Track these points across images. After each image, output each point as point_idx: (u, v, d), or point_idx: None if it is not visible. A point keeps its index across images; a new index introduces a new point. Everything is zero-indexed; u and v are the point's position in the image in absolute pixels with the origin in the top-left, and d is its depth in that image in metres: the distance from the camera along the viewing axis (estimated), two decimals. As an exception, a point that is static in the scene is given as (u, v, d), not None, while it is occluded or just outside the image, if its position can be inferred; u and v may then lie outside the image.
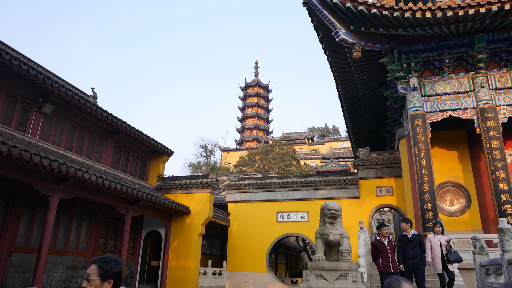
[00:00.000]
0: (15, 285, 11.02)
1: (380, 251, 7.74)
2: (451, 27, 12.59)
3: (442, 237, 8.24)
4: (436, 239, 8.23)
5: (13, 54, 10.61)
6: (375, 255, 7.89)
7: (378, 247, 7.84)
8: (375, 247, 7.91)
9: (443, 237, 8.25)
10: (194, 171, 72.46)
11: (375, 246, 7.93)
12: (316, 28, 14.41)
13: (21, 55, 14.62)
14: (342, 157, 74.01)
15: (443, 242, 8.09)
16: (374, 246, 7.96)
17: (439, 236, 8.29)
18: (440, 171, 14.90)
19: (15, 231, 11.24)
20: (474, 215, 14.30)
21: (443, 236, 8.27)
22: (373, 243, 8.01)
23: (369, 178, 18.33)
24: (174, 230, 17.03)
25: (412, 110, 14.24)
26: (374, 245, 7.97)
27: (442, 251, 8.00)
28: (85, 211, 14.25)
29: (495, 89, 13.79)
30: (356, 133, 22.01)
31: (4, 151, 8.30)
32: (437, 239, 8.23)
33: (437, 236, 8.31)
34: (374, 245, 7.96)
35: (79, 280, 13.48)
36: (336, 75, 16.29)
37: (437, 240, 8.20)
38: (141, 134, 16.59)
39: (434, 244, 8.15)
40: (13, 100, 11.85)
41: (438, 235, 8.31)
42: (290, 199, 19.77)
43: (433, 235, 8.37)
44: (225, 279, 19.25)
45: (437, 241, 8.20)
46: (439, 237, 8.26)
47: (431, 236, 8.35)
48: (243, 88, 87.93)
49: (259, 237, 19.57)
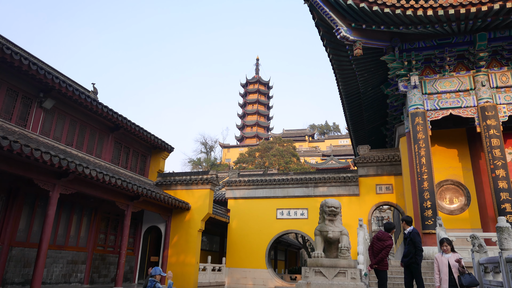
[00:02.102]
0: (16, 279, 11.08)
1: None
2: (453, 25, 12.56)
3: (451, 256, 6.99)
4: (444, 259, 7.02)
5: (14, 49, 10.61)
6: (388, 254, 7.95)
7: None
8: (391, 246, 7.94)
9: (453, 256, 6.99)
10: (194, 168, 72.53)
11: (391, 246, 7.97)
12: (317, 25, 14.39)
13: (22, 50, 14.60)
14: (342, 155, 74.10)
15: (452, 262, 6.88)
16: (391, 247, 7.96)
17: (448, 255, 7.05)
18: (440, 169, 14.92)
19: (15, 225, 11.29)
20: (473, 214, 14.33)
21: (453, 255, 7.00)
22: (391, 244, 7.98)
23: (369, 175, 18.36)
24: (174, 226, 17.08)
25: (413, 108, 14.24)
26: (392, 246, 7.97)
27: (451, 273, 6.85)
28: (85, 206, 14.29)
29: (495, 88, 13.78)
30: (356, 131, 22.01)
31: (5, 146, 8.32)
32: (445, 258, 7.02)
33: (445, 255, 7.08)
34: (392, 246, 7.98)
35: (79, 275, 13.54)
36: (337, 72, 16.29)
37: (445, 260, 6.99)
38: (141, 130, 16.60)
39: (441, 265, 7.00)
40: (14, 95, 11.86)
41: (447, 254, 7.08)
42: (290, 196, 19.81)
43: (440, 254, 7.18)
44: (225, 275, 19.32)
45: (444, 260, 6.99)
46: (447, 256, 7.03)
47: (438, 255, 7.19)
48: (244, 84, 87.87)
49: (258, 233, 19.62)
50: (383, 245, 7.84)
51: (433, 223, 12.64)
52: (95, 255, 14.44)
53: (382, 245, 7.84)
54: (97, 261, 14.56)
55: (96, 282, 14.37)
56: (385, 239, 7.89)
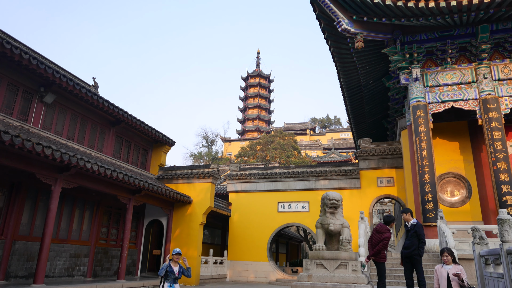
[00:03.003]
0: (19, 273, 11.16)
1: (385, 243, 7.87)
2: (455, 17, 12.48)
3: (452, 267, 6.34)
4: (444, 271, 6.40)
5: (14, 44, 10.58)
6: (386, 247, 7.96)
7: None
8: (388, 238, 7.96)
9: (454, 267, 6.34)
10: (196, 161, 72.63)
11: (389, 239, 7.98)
12: (318, 18, 14.31)
13: (22, 45, 14.57)
14: (343, 148, 74.10)
15: (452, 275, 6.27)
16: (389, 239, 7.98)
17: (448, 266, 6.40)
18: (441, 162, 14.91)
19: (18, 219, 11.35)
20: (474, 206, 14.35)
21: (454, 267, 6.35)
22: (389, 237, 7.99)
23: (370, 168, 18.37)
24: (176, 220, 17.15)
25: (414, 100, 14.20)
26: (389, 238, 7.99)
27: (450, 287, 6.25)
28: (87, 201, 14.35)
29: (497, 80, 13.72)
30: (357, 124, 21.98)
31: (7, 140, 8.33)
32: (445, 270, 6.40)
33: (446, 266, 6.44)
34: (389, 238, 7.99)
35: (82, 268, 13.64)
36: (338, 65, 16.23)
37: (444, 272, 6.38)
38: (142, 124, 16.60)
39: (440, 278, 6.43)
40: (14, 90, 11.85)
41: (447, 266, 6.43)
42: (291, 189, 19.84)
43: (440, 266, 6.56)
44: (226, 268, 19.43)
45: (444, 273, 6.38)
46: (448, 268, 6.39)
47: (438, 267, 6.59)
48: (245, 78, 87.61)
49: (260, 226, 19.69)
50: (381, 237, 7.86)
51: (434, 216, 12.67)
52: (97, 249, 14.53)
53: (380, 237, 7.86)
54: (99, 254, 14.65)
55: (99, 275, 14.48)
56: (383, 231, 7.89)
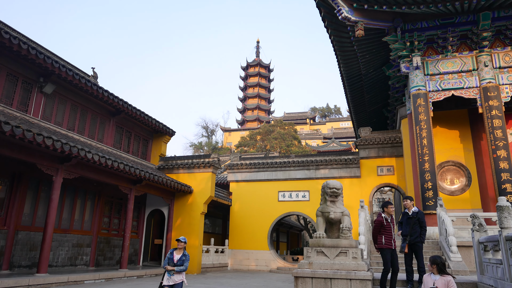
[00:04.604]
0: (23, 262, 11.28)
1: (385, 229, 7.65)
2: (456, 4, 12.36)
3: (439, 279, 5.63)
4: (430, 280, 5.75)
5: (12, 34, 10.52)
6: (377, 232, 7.77)
7: (384, 225, 7.67)
8: (380, 224, 7.69)
9: (440, 279, 5.61)
10: (196, 151, 72.74)
11: (380, 223, 7.69)
12: (318, 6, 14.17)
13: (21, 35, 14.47)
14: (343, 137, 74.02)
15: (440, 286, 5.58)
16: (379, 223, 7.69)
17: (436, 277, 5.70)
18: (441, 150, 14.94)
19: (20, 210, 11.42)
20: (474, 194, 14.42)
21: (441, 278, 5.62)
22: (379, 220, 7.74)
23: (370, 157, 18.41)
24: (177, 209, 17.26)
25: (415, 89, 14.17)
26: (379, 222, 7.70)
27: None
28: (88, 191, 14.42)
29: (498, 68, 13.67)
30: (357, 113, 21.95)
31: (7, 131, 8.34)
32: (432, 280, 5.73)
33: (433, 276, 5.76)
34: (380, 222, 7.68)
35: (84, 258, 13.77)
36: (338, 54, 16.13)
37: (430, 282, 5.72)
38: (142, 114, 16.59)
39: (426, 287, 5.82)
40: (14, 80, 11.82)
41: (435, 276, 5.74)
42: (291, 178, 19.92)
43: (428, 275, 5.92)
44: (228, 257, 19.62)
45: (430, 283, 5.73)
46: (435, 278, 5.70)
47: (426, 276, 5.95)
48: (245, 67, 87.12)
49: (260, 216, 19.82)
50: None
51: (434, 204, 12.74)
52: (99, 238, 14.65)
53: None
54: (102, 244, 14.78)
55: (101, 265, 14.62)
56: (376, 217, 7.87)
